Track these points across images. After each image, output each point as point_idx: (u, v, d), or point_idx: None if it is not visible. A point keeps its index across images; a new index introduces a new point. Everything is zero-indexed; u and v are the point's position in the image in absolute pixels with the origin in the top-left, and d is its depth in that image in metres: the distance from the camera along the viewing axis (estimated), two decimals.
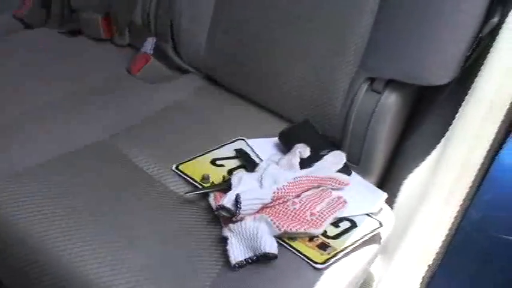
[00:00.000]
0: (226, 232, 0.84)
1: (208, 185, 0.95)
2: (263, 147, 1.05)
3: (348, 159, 1.01)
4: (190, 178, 0.96)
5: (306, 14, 1.07)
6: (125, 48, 1.40)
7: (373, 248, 0.91)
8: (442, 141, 0.95)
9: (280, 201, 0.88)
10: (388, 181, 1.10)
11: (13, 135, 1.01)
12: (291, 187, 0.89)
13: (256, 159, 1.01)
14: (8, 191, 0.89)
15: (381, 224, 0.91)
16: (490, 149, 0.85)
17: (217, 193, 0.90)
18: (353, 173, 1.02)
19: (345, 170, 0.99)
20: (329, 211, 0.89)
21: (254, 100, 1.19)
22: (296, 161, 0.96)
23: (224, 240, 0.83)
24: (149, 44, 1.32)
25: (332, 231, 0.88)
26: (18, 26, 1.47)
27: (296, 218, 0.86)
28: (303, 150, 0.98)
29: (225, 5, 1.19)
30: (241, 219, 0.84)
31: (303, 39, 1.08)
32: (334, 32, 1.04)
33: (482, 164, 0.85)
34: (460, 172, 0.88)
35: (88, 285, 0.77)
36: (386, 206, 0.98)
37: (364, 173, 1.04)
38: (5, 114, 1.06)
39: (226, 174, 0.97)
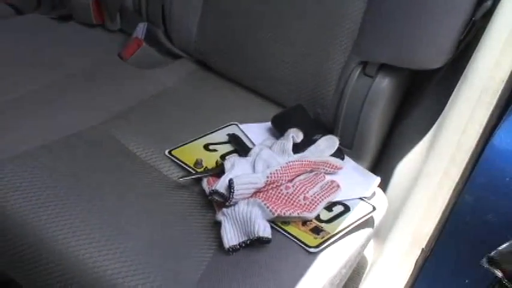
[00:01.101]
0: (219, 217, 0.84)
1: (201, 169, 0.94)
2: (256, 132, 1.05)
3: (340, 144, 1.01)
4: (184, 163, 0.96)
5: None
6: (116, 34, 1.39)
7: (366, 231, 0.91)
8: (435, 125, 0.95)
9: (274, 185, 0.88)
10: (381, 165, 1.10)
11: (1, 122, 1.00)
12: (284, 171, 0.89)
13: (249, 144, 1.01)
14: (1, 178, 0.88)
15: (374, 208, 0.91)
16: (483, 133, 0.85)
17: (210, 178, 0.90)
18: (346, 157, 1.02)
19: (338, 154, 0.99)
20: (322, 195, 0.89)
21: (246, 85, 1.19)
22: (289, 146, 0.96)
23: (218, 225, 0.83)
24: (141, 29, 1.31)
25: (325, 215, 0.88)
26: (9, 11, 1.45)
27: (289, 202, 0.86)
28: (296, 134, 0.97)
29: None
30: (235, 203, 0.84)
31: (295, 23, 1.07)
32: (327, 17, 1.03)
33: (476, 148, 0.85)
34: (453, 156, 0.88)
35: (82, 270, 0.77)
36: (380, 190, 0.98)
37: (357, 157, 1.04)
38: None
39: (219, 159, 0.97)
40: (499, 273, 0.76)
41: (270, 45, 1.11)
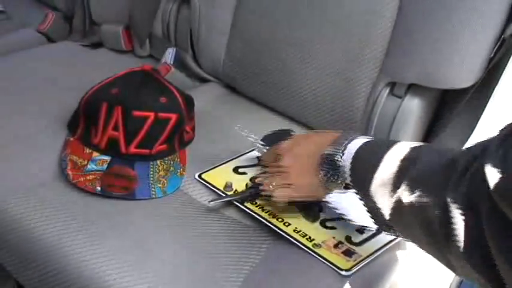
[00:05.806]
0: None
1: (231, 193, 0.95)
2: None
3: None
4: (214, 186, 0.96)
5: (326, 20, 1.07)
6: (146, 59, 1.41)
7: (398, 254, 0.90)
8: (466, 145, 0.94)
9: None
10: None
11: (31, 147, 1.01)
12: None
13: None
14: (28, 203, 0.89)
15: None
16: None
17: None
18: None
19: None
20: None
21: (274, 108, 1.19)
22: None
23: (247, 250, 0.83)
24: (169, 55, 1.33)
25: (357, 237, 0.87)
26: (41, 39, 1.48)
27: None
28: None
29: (243, 14, 1.19)
30: None
31: (322, 45, 1.07)
32: (354, 38, 1.04)
33: None
34: None
35: None
36: None
37: None
38: (25, 125, 1.07)
39: (249, 182, 0.97)
40: None
41: (297, 68, 1.11)
